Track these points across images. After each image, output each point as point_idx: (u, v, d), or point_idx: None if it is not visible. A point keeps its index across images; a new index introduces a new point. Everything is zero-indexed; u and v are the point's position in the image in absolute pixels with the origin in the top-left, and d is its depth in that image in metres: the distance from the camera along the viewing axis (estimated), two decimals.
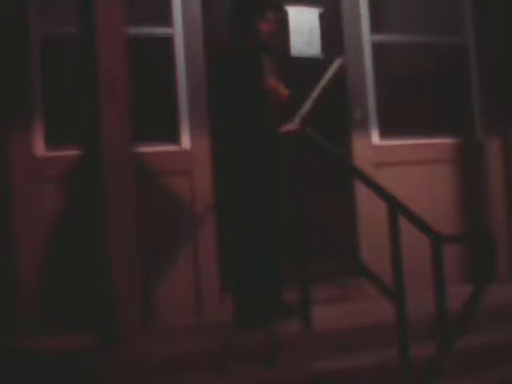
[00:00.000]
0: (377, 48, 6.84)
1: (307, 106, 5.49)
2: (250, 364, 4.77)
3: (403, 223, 4.68)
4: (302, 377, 4.69)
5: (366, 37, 6.78)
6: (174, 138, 6.05)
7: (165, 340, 5.07)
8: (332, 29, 6.66)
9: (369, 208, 6.35)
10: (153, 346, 4.77)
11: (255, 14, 5.47)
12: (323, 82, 5.57)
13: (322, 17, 6.63)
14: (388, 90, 6.86)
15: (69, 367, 4.62)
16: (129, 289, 4.67)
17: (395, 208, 4.69)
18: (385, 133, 6.80)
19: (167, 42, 6.11)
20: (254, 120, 5.29)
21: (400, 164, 6.76)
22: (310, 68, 6.52)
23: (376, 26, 6.87)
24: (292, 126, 5.39)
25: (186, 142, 6.04)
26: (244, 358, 4.80)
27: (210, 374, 4.70)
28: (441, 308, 4.48)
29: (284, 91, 5.53)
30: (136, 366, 4.59)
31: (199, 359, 4.74)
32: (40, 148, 5.65)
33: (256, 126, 5.30)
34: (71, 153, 5.56)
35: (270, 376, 4.69)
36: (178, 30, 6.13)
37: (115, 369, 4.54)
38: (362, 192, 6.08)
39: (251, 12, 5.48)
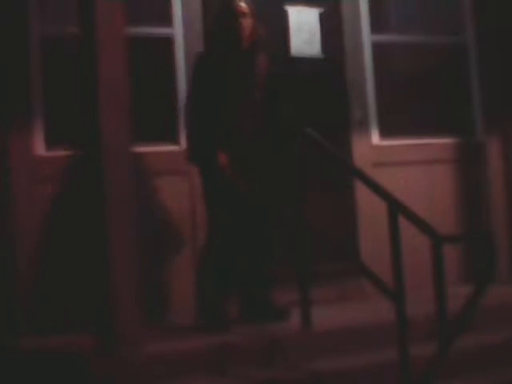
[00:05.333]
0: (377, 48, 6.84)
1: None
2: (249, 364, 4.77)
3: (403, 223, 4.68)
4: (301, 377, 4.70)
5: (366, 37, 6.78)
6: (173, 138, 6.05)
7: (165, 340, 5.07)
8: (332, 29, 6.66)
9: (369, 208, 6.36)
10: (152, 346, 4.76)
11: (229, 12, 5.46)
12: None
13: (321, 17, 6.64)
14: (388, 90, 6.86)
15: (68, 367, 4.62)
16: (129, 289, 4.67)
17: (395, 208, 4.69)
18: (385, 133, 6.80)
19: (167, 42, 6.11)
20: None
21: (400, 164, 6.76)
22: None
23: (376, 26, 6.87)
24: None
25: (185, 142, 6.03)
26: (244, 358, 4.80)
27: (210, 374, 4.70)
28: (441, 308, 4.48)
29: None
30: (136, 366, 4.59)
31: (199, 359, 4.74)
32: (40, 148, 5.65)
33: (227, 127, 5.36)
34: (71, 153, 5.56)
35: (269, 376, 4.69)
36: (178, 29, 6.13)
37: (115, 369, 4.54)
38: (361, 192, 6.08)
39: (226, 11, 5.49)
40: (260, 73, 5.55)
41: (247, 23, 5.46)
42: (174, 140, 6.05)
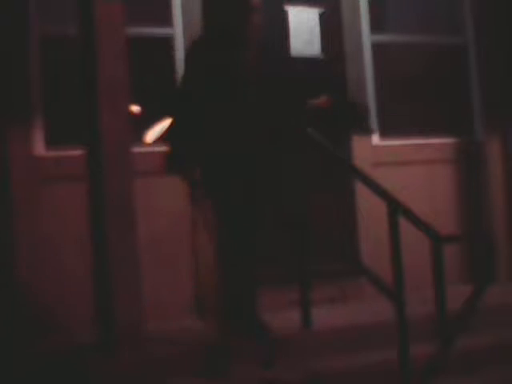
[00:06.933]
0: (377, 48, 6.84)
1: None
2: (249, 364, 4.77)
3: (403, 223, 4.68)
4: (301, 377, 4.70)
5: (366, 37, 6.79)
6: None
7: (164, 341, 5.07)
8: (332, 29, 6.67)
9: (369, 208, 6.35)
10: (152, 346, 4.77)
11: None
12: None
13: (321, 17, 6.64)
14: (388, 90, 6.86)
15: (68, 367, 4.62)
16: (129, 289, 4.67)
17: (395, 208, 4.69)
18: (385, 133, 6.80)
19: (167, 42, 6.11)
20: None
21: (400, 164, 6.76)
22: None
23: (376, 26, 6.87)
24: (322, 100, 5.28)
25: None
26: (244, 358, 4.80)
27: (209, 374, 4.70)
28: (441, 308, 4.48)
29: None
30: (135, 366, 4.59)
31: (199, 359, 4.74)
32: (40, 148, 5.65)
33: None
34: (71, 153, 5.56)
35: (269, 376, 4.69)
36: (178, 29, 6.13)
37: (115, 369, 4.54)
38: (362, 192, 6.07)
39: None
40: (252, 72, 5.12)
41: (257, 19, 5.10)
42: None
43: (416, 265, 5.63)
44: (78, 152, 5.21)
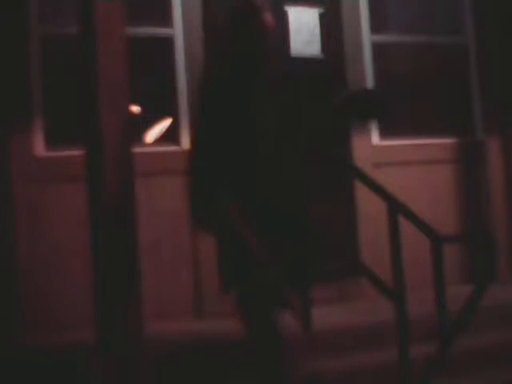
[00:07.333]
0: (377, 48, 6.84)
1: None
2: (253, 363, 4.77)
3: (403, 223, 4.68)
4: (301, 377, 4.70)
5: (366, 37, 6.79)
6: (174, 138, 6.05)
7: (164, 341, 5.07)
8: (332, 29, 6.67)
9: (369, 208, 6.36)
10: (152, 346, 4.77)
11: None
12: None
13: (322, 17, 6.64)
14: (388, 89, 6.86)
15: (68, 366, 4.62)
16: (129, 289, 4.67)
17: (395, 208, 4.69)
18: (385, 133, 6.80)
19: (167, 42, 6.11)
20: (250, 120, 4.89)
21: (400, 164, 6.76)
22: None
23: (376, 26, 6.87)
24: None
25: (186, 142, 6.04)
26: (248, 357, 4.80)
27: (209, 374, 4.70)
28: (441, 308, 4.48)
29: None
30: (135, 366, 4.59)
31: (199, 359, 4.74)
32: (40, 148, 5.65)
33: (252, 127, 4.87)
34: (71, 153, 5.56)
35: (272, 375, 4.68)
36: (178, 30, 6.13)
37: (114, 369, 4.54)
38: (361, 192, 6.08)
39: None
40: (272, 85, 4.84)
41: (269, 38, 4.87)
42: (174, 140, 6.05)
43: (416, 265, 5.63)
44: (78, 152, 5.21)
